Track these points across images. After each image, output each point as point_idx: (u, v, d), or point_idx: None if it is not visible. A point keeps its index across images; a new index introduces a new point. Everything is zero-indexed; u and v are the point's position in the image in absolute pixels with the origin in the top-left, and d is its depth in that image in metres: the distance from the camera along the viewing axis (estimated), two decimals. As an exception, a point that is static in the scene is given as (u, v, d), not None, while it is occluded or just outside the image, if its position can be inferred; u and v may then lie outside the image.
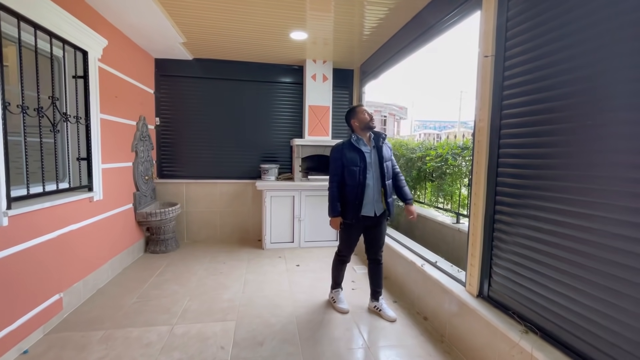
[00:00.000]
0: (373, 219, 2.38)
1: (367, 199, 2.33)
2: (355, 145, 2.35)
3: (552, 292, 1.49)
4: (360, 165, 2.32)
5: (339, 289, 2.66)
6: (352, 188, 2.32)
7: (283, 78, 4.45)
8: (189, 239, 4.39)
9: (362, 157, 2.33)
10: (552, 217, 1.50)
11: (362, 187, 2.31)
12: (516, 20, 1.71)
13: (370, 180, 2.33)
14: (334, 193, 2.37)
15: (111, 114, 3.05)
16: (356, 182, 2.31)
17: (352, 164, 2.33)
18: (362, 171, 2.32)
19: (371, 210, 2.35)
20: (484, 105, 1.91)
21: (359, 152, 2.34)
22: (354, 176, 2.32)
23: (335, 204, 2.37)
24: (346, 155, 2.35)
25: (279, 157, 4.56)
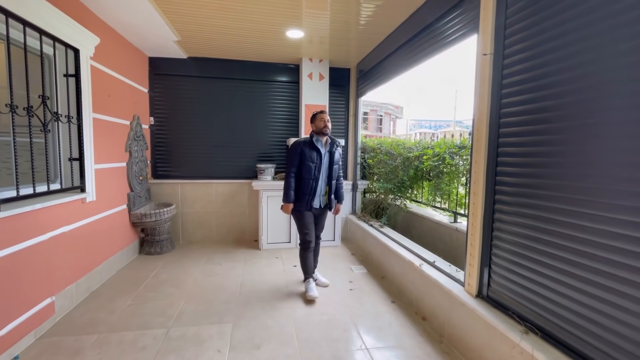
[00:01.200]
0: (318, 210, 2.79)
1: (318, 193, 2.72)
2: (315, 145, 2.66)
3: (552, 292, 1.48)
4: (316, 162, 2.65)
5: (310, 279, 2.84)
6: (307, 181, 2.65)
7: (279, 77, 4.41)
8: (184, 240, 4.34)
9: (319, 156, 2.66)
10: (551, 216, 1.49)
11: (315, 181, 2.65)
12: (515, 18, 1.70)
13: (321, 177, 2.70)
14: (290, 183, 2.66)
15: (104, 113, 2.99)
16: (311, 176, 2.65)
17: (310, 160, 2.64)
18: (317, 168, 2.65)
19: (318, 202, 2.76)
20: (482, 104, 1.90)
21: (317, 151, 2.66)
22: (310, 171, 2.64)
23: (290, 193, 2.66)
24: (305, 151, 2.64)
25: (275, 156, 4.52)
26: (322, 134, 2.70)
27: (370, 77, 3.95)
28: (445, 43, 2.42)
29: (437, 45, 2.53)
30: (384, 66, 3.54)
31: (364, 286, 3.02)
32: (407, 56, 3.03)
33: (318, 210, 2.79)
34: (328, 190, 2.78)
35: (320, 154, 2.68)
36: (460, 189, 3.17)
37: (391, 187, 3.82)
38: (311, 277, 2.85)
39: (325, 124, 2.68)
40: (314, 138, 2.70)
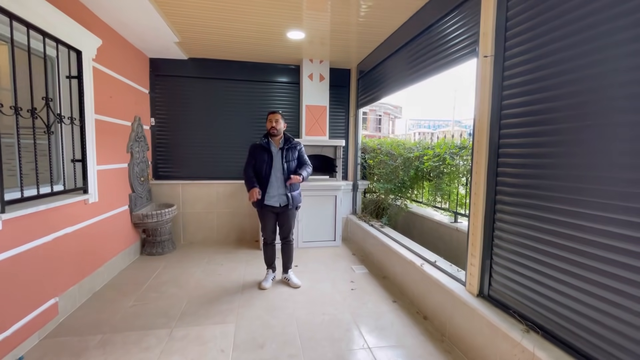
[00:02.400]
0: (278, 208, 2.85)
1: (273, 192, 2.80)
2: (265, 145, 2.81)
3: (553, 291, 1.50)
4: (266, 161, 2.79)
5: (269, 270, 3.07)
6: (260, 180, 2.81)
7: (279, 77, 4.43)
8: (185, 241, 4.35)
9: (269, 156, 2.80)
10: (553, 216, 1.51)
11: (266, 179, 2.78)
12: (516, 21, 1.72)
13: (274, 176, 2.79)
14: (248, 175, 2.82)
15: (106, 114, 3.00)
16: (263, 175, 2.79)
17: (260, 160, 2.80)
18: (268, 167, 2.78)
19: (276, 202, 2.82)
20: (483, 104, 1.92)
21: (267, 151, 2.81)
22: (261, 171, 2.80)
23: (250, 180, 2.80)
24: (257, 151, 2.82)
25: (276, 157, 4.53)
26: (271, 135, 2.82)
27: (371, 85, 3.95)
28: (447, 55, 2.43)
29: (438, 52, 2.54)
30: (385, 72, 3.56)
31: (366, 286, 3.04)
32: (407, 60, 3.04)
33: (278, 209, 2.85)
34: (290, 187, 2.83)
35: (271, 153, 2.80)
36: (461, 189, 3.18)
37: (392, 188, 3.84)
38: (270, 269, 3.06)
39: (273, 125, 2.79)
40: (265, 139, 2.83)
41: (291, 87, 4.47)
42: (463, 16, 2.22)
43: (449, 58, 2.38)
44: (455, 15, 2.31)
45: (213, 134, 4.34)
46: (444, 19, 2.45)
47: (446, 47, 2.42)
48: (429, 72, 2.67)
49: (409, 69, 3.01)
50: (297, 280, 3.03)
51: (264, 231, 2.97)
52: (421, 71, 2.79)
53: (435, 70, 2.58)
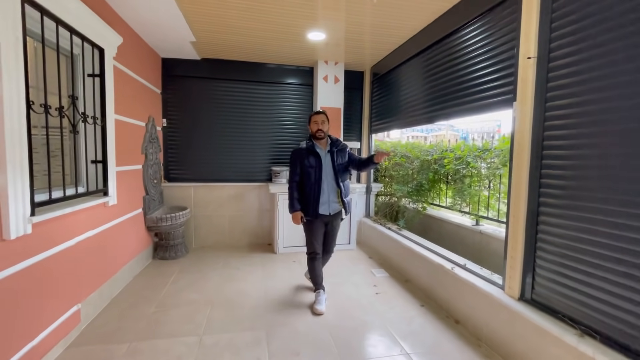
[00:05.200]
0: (328, 217, 2.60)
1: (323, 198, 2.55)
2: (312, 149, 2.57)
3: (611, 295, 1.48)
4: (315, 166, 2.54)
5: (320, 290, 2.68)
6: (310, 187, 2.54)
7: (292, 79, 4.39)
8: (197, 244, 4.26)
9: (317, 160, 2.55)
10: (605, 217, 1.50)
11: (317, 186, 2.52)
12: (563, 22, 1.71)
13: (325, 181, 2.55)
14: (292, 192, 2.58)
15: (124, 114, 2.92)
16: (312, 181, 2.53)
17: (308, 166, 2.54)
18: (317, 171, 2.53)
19: (327, 209, 2.57)
20: (525, 107, 1.90)
21: (314, 155, 2.56)
22: (310, 176, 2.54)
23: (293, 201, 2.57)
24: (303, 156, 2.56)
25: (286, 159, 4.48)
26: (316, 138, 2.60)
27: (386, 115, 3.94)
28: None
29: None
30: (399, 77, 3.55)
31: (389, 290, 2.99)
32: (423, 69, 3.03)
33: (328, 218, 2.61)
34: (340, 193, 2.60)
35: (320, 157, 2.56)
36: (485, 192, 3.17)
37: (409, 190, 3.82)
38: (322, 289, 2.69)
39: (319, 127, 2.57)
40: (308, 143, 2.61)
41: (304, 89, 4.43)
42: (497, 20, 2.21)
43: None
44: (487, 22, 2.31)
45: (224, 136, 4.27)
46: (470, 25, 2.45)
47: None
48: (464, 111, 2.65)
49: (423, 72, 3.00)
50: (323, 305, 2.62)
51: (312, 243, 2.63)
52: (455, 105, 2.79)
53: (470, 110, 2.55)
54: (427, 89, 3.11)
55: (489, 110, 2.33)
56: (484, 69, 2.35)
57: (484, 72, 2.34)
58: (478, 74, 2.41)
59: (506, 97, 2.12)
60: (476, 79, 2.44)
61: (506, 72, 2.12)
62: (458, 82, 2.66)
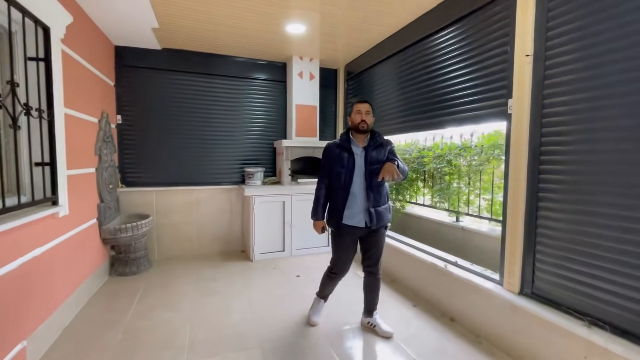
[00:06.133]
0: (363, 230, 2.11)
1: (355, 208, 2.07)
2: (345, 145, 2.10)
3: (619, 286, 1.52)
4: (347, 166, 2.07)
5: (321, 300, 2.39)
6: (337, 192, 2.11)
7: (264, 75, 4.14)
8: (160, 256, 3.81)
9: (350, 159, 2.08)
10: (605, 210, 1.56)
11: (346, 191, 2.07)
12: (559, 21, 1.75)
13: (357, 185, 2.07)
14: (318, 195, 2.21)
15: (74, 107, 2.47)
16: (341, 185, 2.08)
17: (338, 165, 2.09)
18: (349, 174, 2.07)
19: (361, 219, 2.08)
20: (521, 105, 1.93)
21: (348, 152, 2.09)
22: (339, 179, 2.09)
23: (317, 207, 2.21)
24: (335, 154, 2.12)
25: (261, 159, 4.22)
26: (358, 131, 2.12)
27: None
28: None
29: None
30: (375, 77, 3.52)
31: (382, 293, 2.91)
32: (403, 71, 3.02)
33: (364, 231, 2.12)
34: (368, 200, 2.08)
35: (353, 155, 2.08)
36: (467, 190, 3.24)
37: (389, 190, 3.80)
38: (324, 300, 2.40)
39: (363, 117, 2.08)
40: (343, 137, 2.16)
41: (277, 85, 4.21)
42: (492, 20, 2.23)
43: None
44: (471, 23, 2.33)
45: (190, 135, 3.88)
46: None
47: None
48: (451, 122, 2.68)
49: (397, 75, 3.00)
50: (388, 326, 2.24)
51: (338, 261, 2.22)
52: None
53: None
54: (408, 94, 3.09)
55: (480, 122, 2.35)
56: (472, 72, 2.35)
57: (474, 76, 2.34)
58: (465, 77, 2.41)
59: (498, 109, 2.13)
60: (463, 83, 2.44)
61: (498, 75, 2.13)
62: (442, 88, 2.65)
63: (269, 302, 2.71)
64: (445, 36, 2.62)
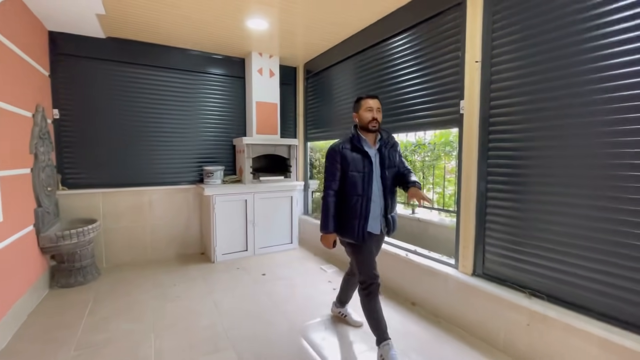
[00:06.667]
0: (378, 236, 1.98)
1: (374, 214, 1.91)
2: (358, 146, 1.90)
3: (554, 262, 1.79)
4: (365, 170, 1.88)
5: (388, 341, 1.87)
6: (355, 199, 1.87)
7: (221, 69, 4.00)
8: (109, 263, 3.50)
9: (367, 161, 1.89)
10: (543, 198, 1.82)
11: (366, 199, 1.88)
12: (503, 32, 1.99)
13: (374, 191, 1.91)
14: (328, 204, 1.93)
15: (3, 99, 2.16)
16: (359, 192, 1.87)
17: (354, 169, 1.88)
18: (367, 178, 1.88)
19: (377, 227, 1.93)
20: (471, 105, 2.16)
21: (363, 154, 1.90)
22: (356, 185, 1.87)
23: (327, 218, 1.92)
24: (347, 157, 1.89)
25: (220, 157, 4.08)
26: (367, 131, 1.94)
27: (322, 122, 3.97)
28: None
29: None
30: (334, 77, 3.62)
31: (345, 284, 3.03)
32: (361, 72, 3.16)
33: (378, 237, 2.00)
34: (385, 206, 1.95)
35: (369, 157, 1.90)
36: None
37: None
38: (389, 339, 1.88)
39: (374, 115, 1.90)
40: (354, 137, 1.93)
41: (234, 81, 4.10)
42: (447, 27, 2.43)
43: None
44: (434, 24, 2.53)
45: (141, 131, 3.62)
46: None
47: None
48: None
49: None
50: (358, 316, 2.26)
51: (366, 269, 1.93)
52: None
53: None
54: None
55: (436, 128, 2.56)
56: (428, 75, 2.54)
57: (429, 78, 2.53)
58: (421, 81, 2.59)
59: (452, 116, 2.33)
60: (421, 89, 2.60)
61: (452, 77, 2.33)
62: (400, 93, 2.79)
63: (237, 302, 2.66)
64: (402, 40, 2.79)
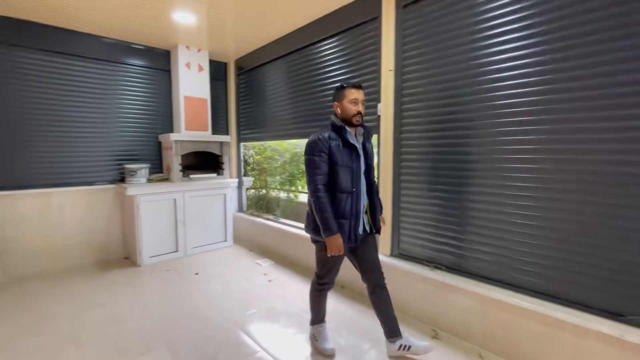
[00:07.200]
0: (362, 236, 1.84)
1: (361, 213, 1.81)
2: (347, 138, 1.76)
3: (450, 239, 2.19)
4: (353, 165, 1.76)
5: (323, 324, 2.04)
6: (346, 197, 1.74)
7: (143, 61, 3.75)
8: (8, 277, 3.03)
9: (355, 155, 1.78)
10: (447, 187, 2.20)
11: (357, 195, 1.77)
12: (411, 46, 2.33)
13: (362, 187, 1.81)
14: (323, 202, 1.69)
15: None
16: (350, 189, 1.74)
17: (344, 163, 1.73)
18: (357, 173, 1.77)
19: (361, 226, 1.82)
20: (387, 108, 2.47)
21: (351, 148, 1.77)
22: (347, 181, 1.74)
23: (328, 217, 1.68)
24: (336, 149, 1.73)
25: (144, 155, 3.83)
26: (350, 124, 1.79)
27: (256, 122, 4.01)
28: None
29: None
30: (267, 76, 3.71)
31: (280, 275, 3.16)
32: (291, 74, 3.32)
33: (361, 237, 1.83)
34: (369, 204, 1.88)
35: (357, 150, 1.78)
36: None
37: (283, 181, 4.07)
38: (324, 323, 2.03)
39: (359, 108, 1.77)
40: (344, 128, 1.77)
41: (160, 73, 3.88)
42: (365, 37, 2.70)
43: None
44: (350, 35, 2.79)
45: (45, 126, 3.20)
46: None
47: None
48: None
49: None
50: (424, 342, 1.91)
51: (331, 275, 1.91)
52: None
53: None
54: (299, 99, 3.37)
55: None
56: (351, 79, 2.81)
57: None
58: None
59: (373, 118, 2.61)
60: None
61: (372, 82, 2.62)
62: (328, 96, 3.00)
63: (169, 302, 2.59)
64: (330, 45, 3.00)
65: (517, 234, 1.89)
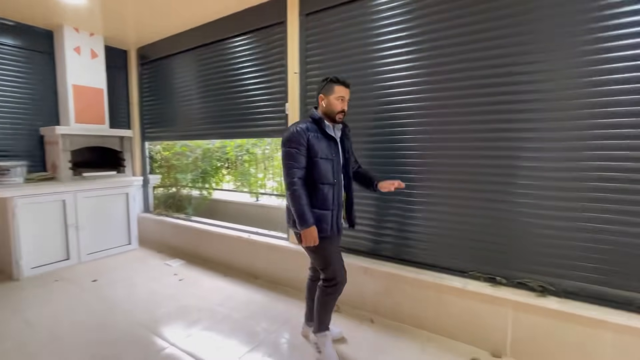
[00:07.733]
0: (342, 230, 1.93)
1: (341, 205, 1.87)
2: (326, 130, 1.77)
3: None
4: (333, 157, 1.78)
5: (327, 332, 1.90)
6: (328, 188, 1.75)
7: (15, 40, 3.20)
8: None
9: (334, 147, 1.81)
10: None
11: (338, 188, 1.81)
12: (314, 52, 2.56)
13: (341, 180, 1.86)
14: (299, 194, 1.69)
15: None
16: (331, 180, 1.76)
17: (324, 155, 1.75)
18: (336, 166, 1.80)
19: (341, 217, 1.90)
20: (293, 107, 2.67)
21: (331, 140, 1.80)
22: (327, 172, 1.75)
23: (304, 209, 1.68)
24: (315, 141, 1.73)
25: (20, 151, 3.28)
26: (333, 121, 1.82)
27: (162, 120, 3.80)
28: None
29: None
30: (175, 68, 3.57)
31: (191, 273, 3.10)
32: (200, 70, 3.29)
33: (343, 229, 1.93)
34: (346, 198, 1.93)
35: (337, 142, 1.82)
36: (260, 174, 3.90)
37: (195, 178, 3.95)
38: (329, 331, 1.91)
39: (344, 107, 1.81)
40: (323, 121, 1.78)
41: (38, 56, 3.36)
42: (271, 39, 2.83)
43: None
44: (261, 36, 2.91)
45: None
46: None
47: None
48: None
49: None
50: (336, 329, 2.06)
51: (337, 266, 1.81)
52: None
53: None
54: (209, 98, 3.33)
55: (269, 136, 2.97)
56: (258, 84, 2.92)
57: (263, 85, 2.91)
58: (257, 86, 2.94)
59: (279, 128, 2.77)
60: (256, 94, 2.95)
61: (280, 82, 2.78)
62: (239, 97, 3.05)
63: (58, 315, 2.33)
64: (241, 42, 3.04)
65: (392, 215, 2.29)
